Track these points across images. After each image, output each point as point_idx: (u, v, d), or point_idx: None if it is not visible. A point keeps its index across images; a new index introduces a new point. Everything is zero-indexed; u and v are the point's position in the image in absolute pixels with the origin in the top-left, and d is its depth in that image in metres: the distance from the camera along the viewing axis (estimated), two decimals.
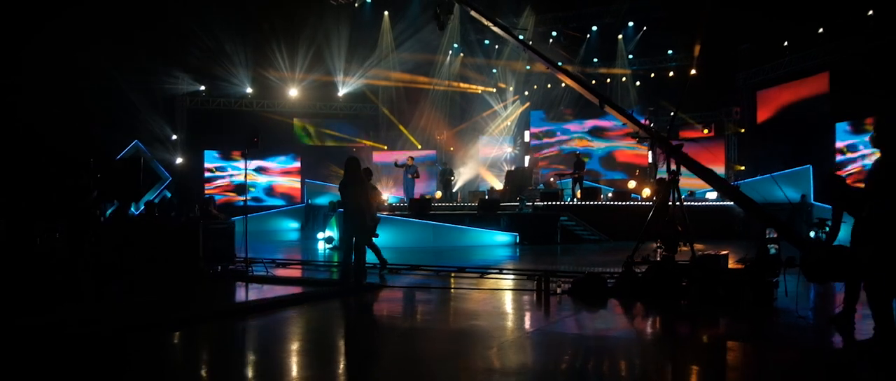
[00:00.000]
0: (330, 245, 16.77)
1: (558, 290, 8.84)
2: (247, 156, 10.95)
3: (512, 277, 10.76)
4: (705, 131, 24.41)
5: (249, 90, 26.22)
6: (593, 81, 27.69)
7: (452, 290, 9.73)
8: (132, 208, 11.88)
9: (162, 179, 25.85)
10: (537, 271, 10.59)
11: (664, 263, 8.98)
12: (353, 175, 9.32)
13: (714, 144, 24.00)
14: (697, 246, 9.79)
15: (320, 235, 17.37)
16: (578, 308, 8.08)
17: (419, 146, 27.88)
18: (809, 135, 21.15)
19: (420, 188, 23.42)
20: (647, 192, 23.06)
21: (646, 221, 10.66)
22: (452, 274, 11.13)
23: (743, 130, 24.27)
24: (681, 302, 8.25)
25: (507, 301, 8.86)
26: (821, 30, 20.76)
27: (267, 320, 7.46)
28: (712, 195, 21.18)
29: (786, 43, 22.49)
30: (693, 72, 25.44)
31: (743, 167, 23.64)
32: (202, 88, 25.87)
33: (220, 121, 25.83)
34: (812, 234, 16.82)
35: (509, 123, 28.79)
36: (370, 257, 10.54)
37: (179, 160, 25.83)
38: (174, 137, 25.80)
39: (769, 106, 22.65)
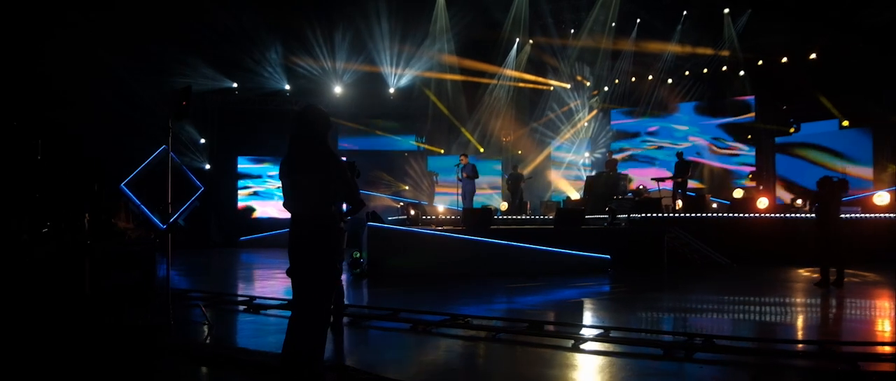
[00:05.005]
0: (356, 271, 11.87)
1: None
2: (174, 124, 6.23)
3: (633, 350, 5.46)
4: (845, 123, 18.28)
5: (287, 86, 21.82)
6: (687, 72, 21.96)
7: None
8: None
9: (195, 188, 21.74)
10: (680, 339, 5.31)
11: None
12: (316, 147, 4.19)
13: (856, 138, 17.87)
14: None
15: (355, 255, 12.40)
16: None
17: (481, 149, 22.79)
18: None
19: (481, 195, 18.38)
20: (764, 202, 17.28)
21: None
22: (519, 339, 5.94)
23: None
24: None
25: None
26: None
27: None
28: (882, 201, 15.14)
29: None
30: (813, 55, 19.40)
31: None
32: (235, 84, 21.64)
33: (255, 122, 21.52)
34: None
35: (587, 123, 23.33)
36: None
37: (208, 166, 21.65)
38: (202, 140, 21.65)
39: None
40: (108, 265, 5.88)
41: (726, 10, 20.03)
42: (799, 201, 15.48)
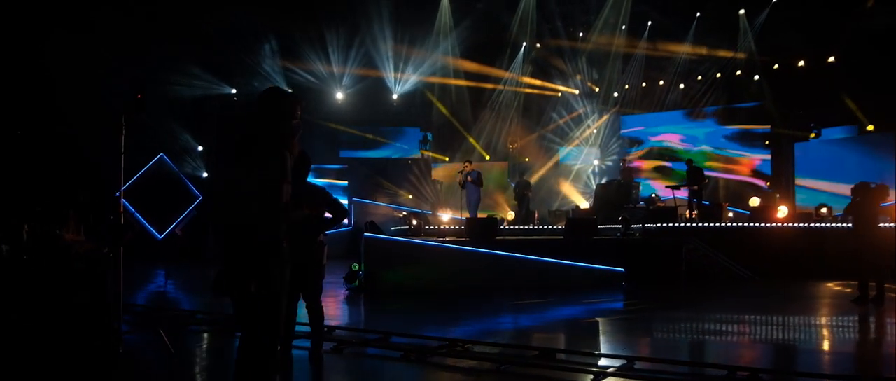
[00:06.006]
0: (353, 285, 10.93)
1: None
2: (129, 122, 5.37)
3: None
4: (870, 127, 17.20)
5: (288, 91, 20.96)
6: (699, 77, 20.98)
7: None
8: None
9: (193, 197, 20.95)
10: (719, 373, 4.39)
11: None
12: (264, 141, 3.25)
13: (880, 143, 16.78)
14: None
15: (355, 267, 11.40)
16: None
17: (487, 157, 21.88)
18: None
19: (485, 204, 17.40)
20: (783, 211, 16.33)
21: None
22: (527, 372, 5.00)
23: None
24: None
25: None
26: None
27: None
28: None
29: None
30: (831, 59, 18.39)
31: None
32: (234, 91, 20.82)
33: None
34: None
35: (596, 129, 22.37)
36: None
37: (205, 175, 20.82)
38: (200, 148, 20.83)
39: None
40: (48, 284, 4.99)
41: (742, 11, 19.07)
42: (824, 210, 14.46)
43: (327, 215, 5.49)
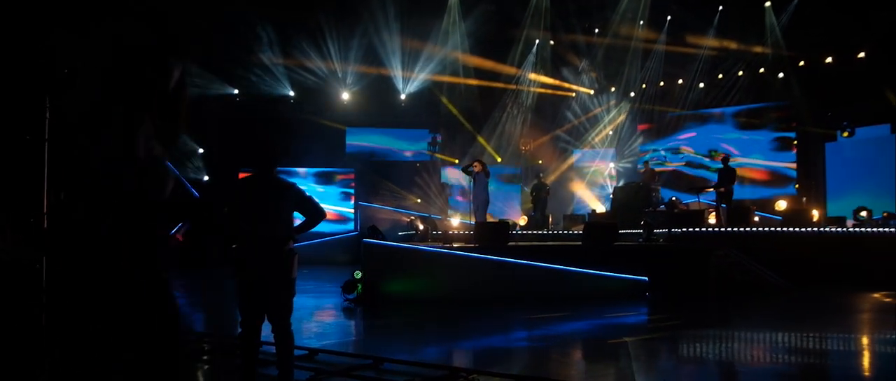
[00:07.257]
0: (350, 296, 9.92)
1: None
2: (54, 104, 4.37)
3: None
4: None
5: (291, 92, 20.08)
6: (720, 76, 19.77)
7: None
8: None
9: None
10: None
11: None
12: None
13: None
14: None
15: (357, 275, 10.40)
16: None
17: (499, 159, 20.84)
18: None
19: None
20: (816, 214, 15.27)
21: None
22: None
23: None
24: None
25: None
26: None
27: None
28: None
29: None
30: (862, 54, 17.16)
31: None
32: (235, 91, 19.94)
33: (258, 130, 19.74)
34: None
35: (612, 131, 21.24)
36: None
37: (206, 178, 19.95)
38: (201, 150, 19.96)
39: None
40: None
41: (767, 3, 17.88)
42: (864, 213, 13.29)
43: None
